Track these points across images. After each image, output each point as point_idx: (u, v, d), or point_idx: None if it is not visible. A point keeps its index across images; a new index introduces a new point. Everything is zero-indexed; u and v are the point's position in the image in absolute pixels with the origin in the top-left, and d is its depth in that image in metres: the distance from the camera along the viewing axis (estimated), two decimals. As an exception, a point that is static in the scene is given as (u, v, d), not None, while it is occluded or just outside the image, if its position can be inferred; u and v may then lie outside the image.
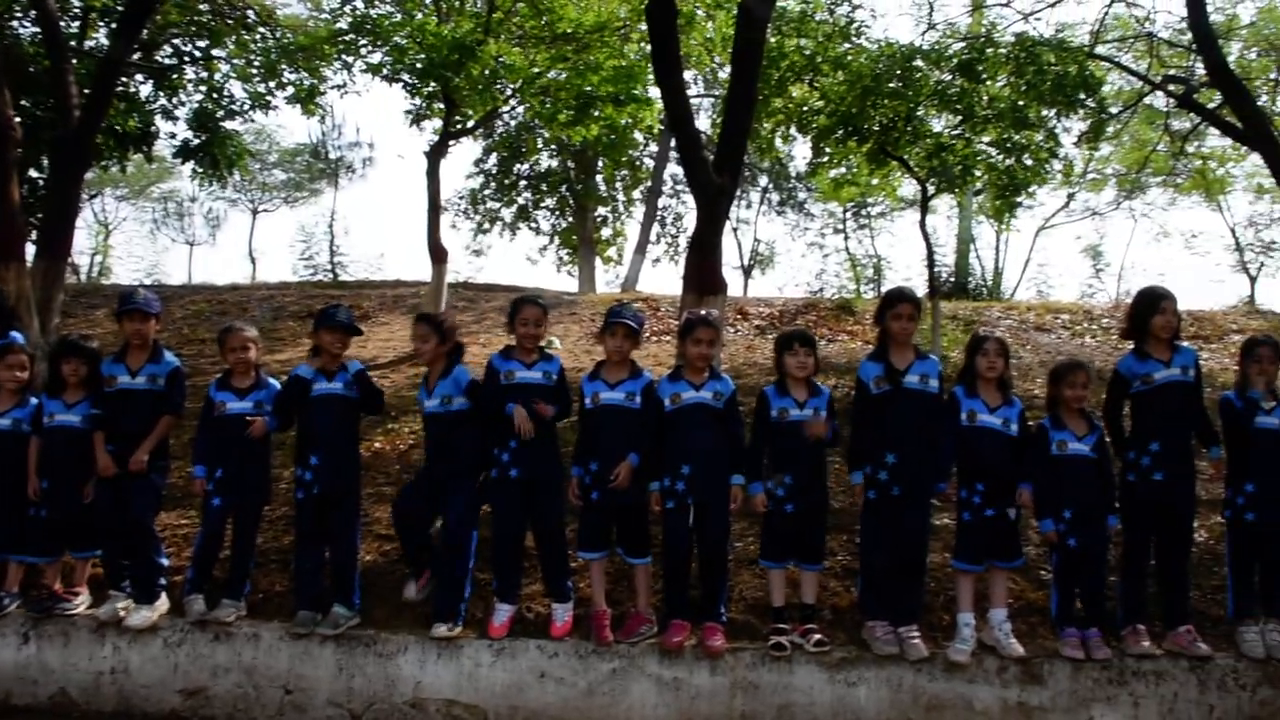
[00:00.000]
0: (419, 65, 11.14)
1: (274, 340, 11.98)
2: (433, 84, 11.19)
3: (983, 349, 5.66)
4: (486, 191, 24.12)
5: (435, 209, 12.07)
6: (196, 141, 12.74)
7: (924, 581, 5.80)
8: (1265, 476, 5.65)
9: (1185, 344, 5.88)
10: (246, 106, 12.47)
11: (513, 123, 20.11)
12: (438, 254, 11.99)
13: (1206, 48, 9.89)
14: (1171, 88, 11.66)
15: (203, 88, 12.78)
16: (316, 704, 5.62)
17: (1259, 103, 15.13)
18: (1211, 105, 11.29)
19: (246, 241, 49.44)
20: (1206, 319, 14.39)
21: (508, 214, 24.33)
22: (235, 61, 12.53)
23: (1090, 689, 5.40)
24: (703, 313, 5.98)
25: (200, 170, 12.91)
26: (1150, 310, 5.76)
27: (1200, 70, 11.54)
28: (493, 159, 23.62)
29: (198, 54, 12.82)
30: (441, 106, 11.91)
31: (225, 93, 12.73)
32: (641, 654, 5.50)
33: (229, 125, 12.94)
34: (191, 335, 12.51)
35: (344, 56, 11.61)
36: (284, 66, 11.61)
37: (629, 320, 5.79)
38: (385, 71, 11.47)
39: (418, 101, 11.70)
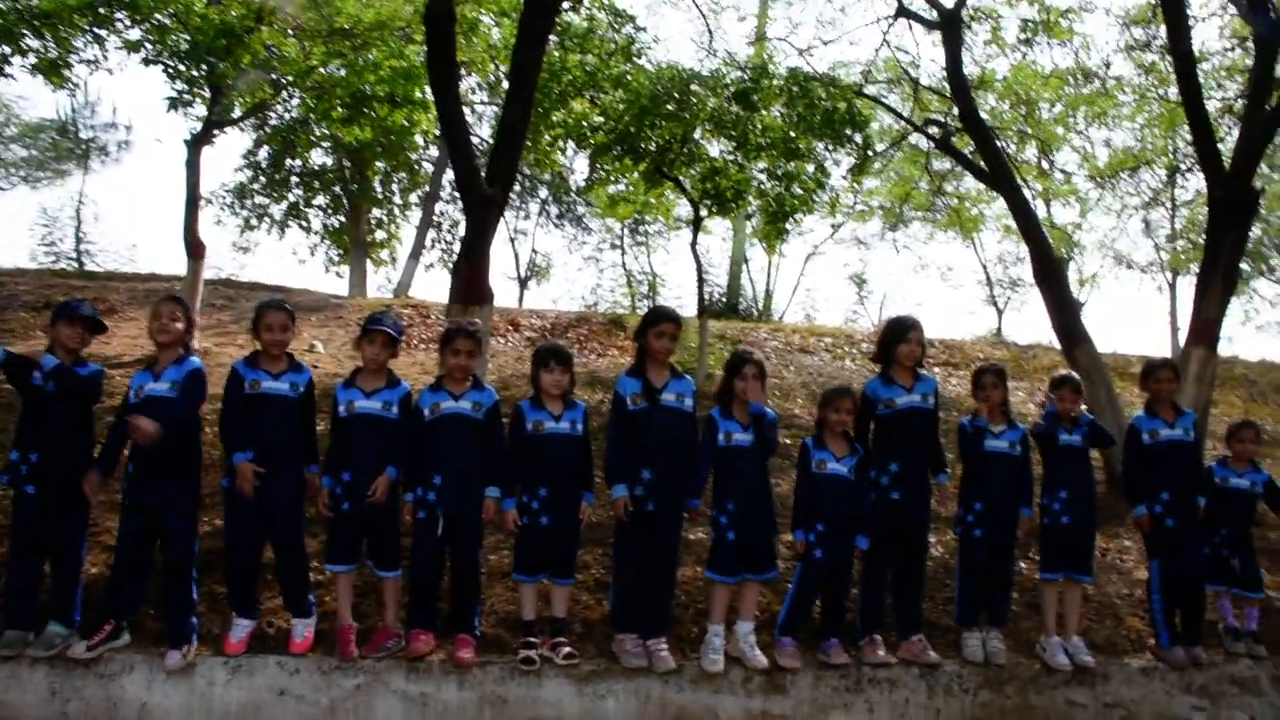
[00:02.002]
0: (183, 48, 10.54)
1: (2, 332, 10.98)
2: (197, 70, 10.60)
3: (741, 372, 5.82)
4: (255, 186, 23.01)
5: (194, 201, 11.40)
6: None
7: (674, 595, 5.91)
8: (992, 496, 6.11)
9: (927, 373, 6.27)
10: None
11: (286, 116, 19.26)
12: (195, 249, 11.35)
13: (961, 97, 10.63)
14: (932, 131, 12.43)
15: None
16: (24, 732, 5.13)
17: (1009, 151, 16.39)
18: (968, 150, 12.13)
19: (-24, 222, 44.95)
20: (957, 348, 15.47)
21: (278, 211, 23.30)
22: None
23: (829, 697, 5.66)
24: (464, 322, 5.88)
25: (-80, 139, 11.66)
26: (898, 339, 6.11)
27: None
28: (264, 152, 22.59)
29: (-85, 7, 11.53)
30: (206, 94, 11.28)
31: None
32: (387, 669, 5.35)
33: (-46, 91, 11.70)
34: (-99, 324, 11.30)
35: (96, 29, 10.77)
36: (24, 31, 10.63)
37: (388, 328, 5.64)
38: (145, 52, 10.76)
39: (180, 86, 10.99)
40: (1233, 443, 6.73)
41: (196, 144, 11.29)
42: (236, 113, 12.41)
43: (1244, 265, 25.44)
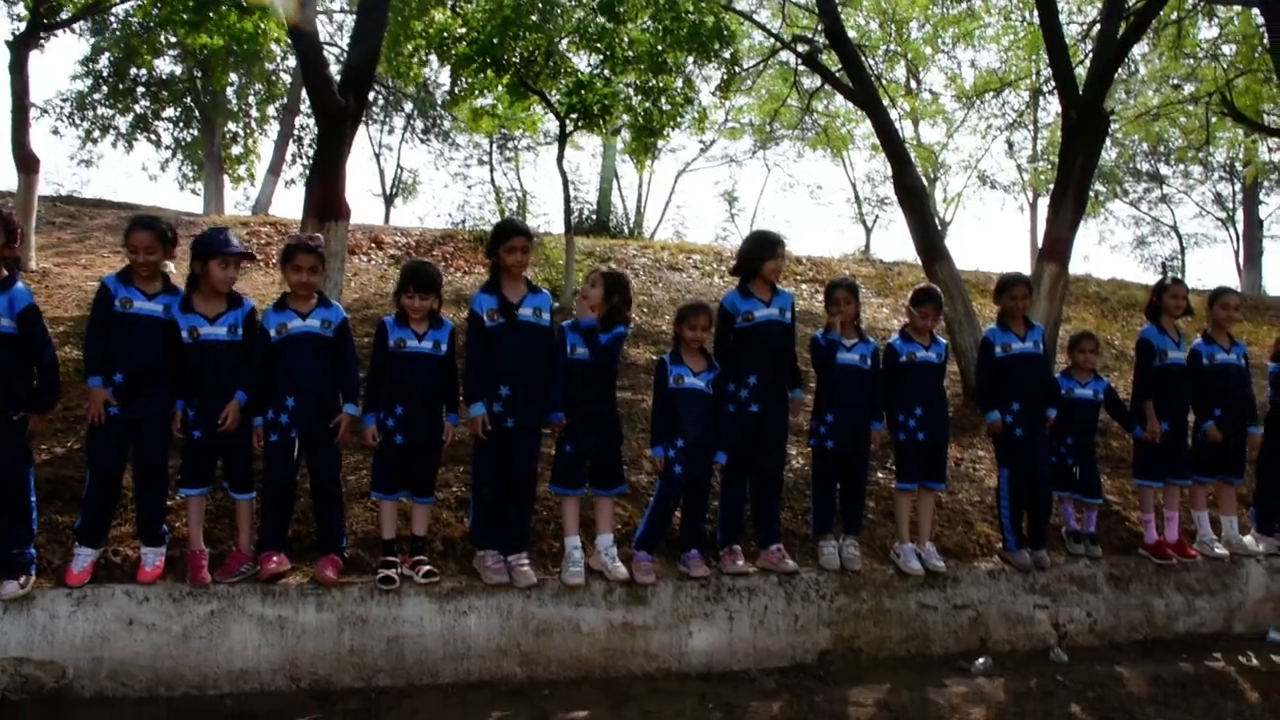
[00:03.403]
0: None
1: None
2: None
3: (590, 280, 5.83)
4: (97, 96, 21.61)
5: (23, 110, 10.64)
6: None
7: (534, 511, 5.90)
8: (843, 408, 6.21)
9: (784, 288, 6.31)
10: None
11: (131, 20, 18.08)
12: (27, 162, 10.62)
13: (827, 14, 10.59)
14: (800, 48, 12.39)
15: None
16: None
17: (878, 70, 16.49)
18: (836, 68, 12.14)
19: None
20: (824, 265, 15.66)
21: (123, 123, 21.99)
22: None
23: (690, 606, 5.74)
24: (304, 237, 5.65)
25: None
26: (767, 254, 6.10)
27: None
28: (104, 59, 21.18)
29: None
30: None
31: None
32: (242, 594, 5.19)
33: None
34: None
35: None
36: None
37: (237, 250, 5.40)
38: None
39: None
40: (1074, 353, 7.01)
41: (22, 46, 10.49)
42: (65, 14, 11.54)
43: (1100, 187, 26.51)
